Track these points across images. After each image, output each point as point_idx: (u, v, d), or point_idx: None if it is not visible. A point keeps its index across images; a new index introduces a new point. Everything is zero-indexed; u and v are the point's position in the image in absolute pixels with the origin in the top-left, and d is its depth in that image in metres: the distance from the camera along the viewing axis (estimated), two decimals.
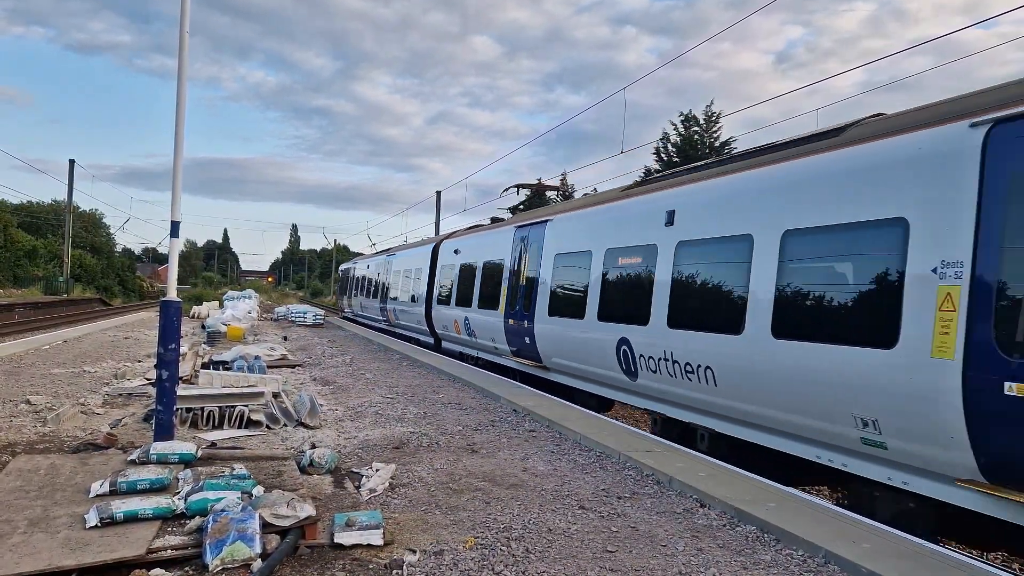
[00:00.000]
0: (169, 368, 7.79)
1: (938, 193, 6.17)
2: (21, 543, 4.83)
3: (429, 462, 7.86)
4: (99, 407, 10.38)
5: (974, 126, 5.98)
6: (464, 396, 12.63)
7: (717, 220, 9.07)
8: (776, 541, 5.67)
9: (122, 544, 4.87)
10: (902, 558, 5.11)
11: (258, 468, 6.98)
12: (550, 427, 10.00)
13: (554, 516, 6.13)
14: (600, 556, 5.27)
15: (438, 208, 45.62)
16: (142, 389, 11.74)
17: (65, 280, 52.02)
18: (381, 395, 12.48)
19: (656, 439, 9.25)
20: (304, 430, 9.50)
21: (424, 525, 5.80)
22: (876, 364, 6.46)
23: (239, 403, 9.64)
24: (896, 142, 6.77)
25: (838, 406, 6.90)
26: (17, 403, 10.25)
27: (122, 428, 8.97)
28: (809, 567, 5.15)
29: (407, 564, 4.91)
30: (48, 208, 70.35)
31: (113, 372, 13.92)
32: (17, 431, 8.55)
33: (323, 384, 13.90)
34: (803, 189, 7.75)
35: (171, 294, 8.10)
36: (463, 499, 6.55)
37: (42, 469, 6.59)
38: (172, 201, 8.19)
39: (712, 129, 39.44)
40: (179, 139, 8.18)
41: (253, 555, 4.80)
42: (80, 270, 58.72)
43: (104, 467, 6.73)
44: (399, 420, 10.24)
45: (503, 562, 5.05)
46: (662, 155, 39.75)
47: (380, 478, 6.95)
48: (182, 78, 8.19)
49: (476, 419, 10.48)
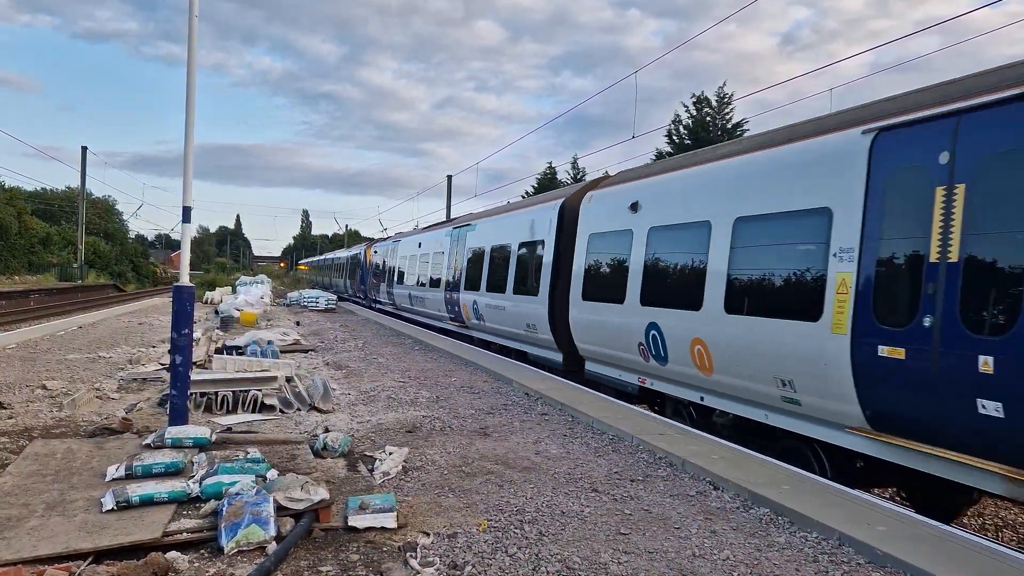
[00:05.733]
0: (183, 353, 7.82)
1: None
2: (39, 526, 4.88)
3: (442, 445, 7.88)
4: (114, 392, 10.45)
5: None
6: (476, 380, 12.64)
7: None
8: (790, 524, 5.64)
9: (138, 527, 4.91)
10: (917, 541, 5.08)
11: (272, 452, 7.02)
12: (562, 410, 10.00)
13: (567, 499, 6.13)
14: (613, 538, 5.27)
15: (449, 193, 45.51)
16: (156, 374, 11.82)
17: (79, 266, 52.42)
18: (394, 379, 12.51)
19: (669, 422, 9.24)
20: (317, 414, 9.54)
21: (437, 508, 5.81)
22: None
23: (252, 388, 9.68)
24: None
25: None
26: (33, 388, 10.34)
27: (137, 413, 9.04)
28: (823, 549, 5.13)
29: (421, 547, 4.93)
30: (62, 195, 70.86)
31: (128, 357, 14.02)
32: (34, 416, 8.62)
33: (336, 368, 13.95)
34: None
35: (184, 280, 8.13)
36: (476, 482, 6.56)
37: (58, 453, 6.65)
38: (183, 187, 8.19)
39: (724, 111, 39.10)
40: (189, 125, 8.16)
41: (267, 538, 4.83)
42: (94, 256, 59.13)
43: (119, 451, 6.78)
44: (412, 404, 10.27)
45: (516, 544, 5.05)
46: (674, 138, 39.46)
47: (393, 461, 6.97)
48: (191, 64, 8.16)
49: (488, 403, 10.49)
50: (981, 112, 6.00)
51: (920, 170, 6.46)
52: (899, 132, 6.77)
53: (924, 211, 6.35)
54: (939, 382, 6.09)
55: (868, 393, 6.79)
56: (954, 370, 5.97)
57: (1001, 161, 5.77)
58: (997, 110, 5.89)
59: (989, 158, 5.88)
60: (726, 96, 39.13)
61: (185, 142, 8.15)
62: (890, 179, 6.75)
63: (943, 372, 6.06)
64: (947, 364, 6.03)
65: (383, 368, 13.97)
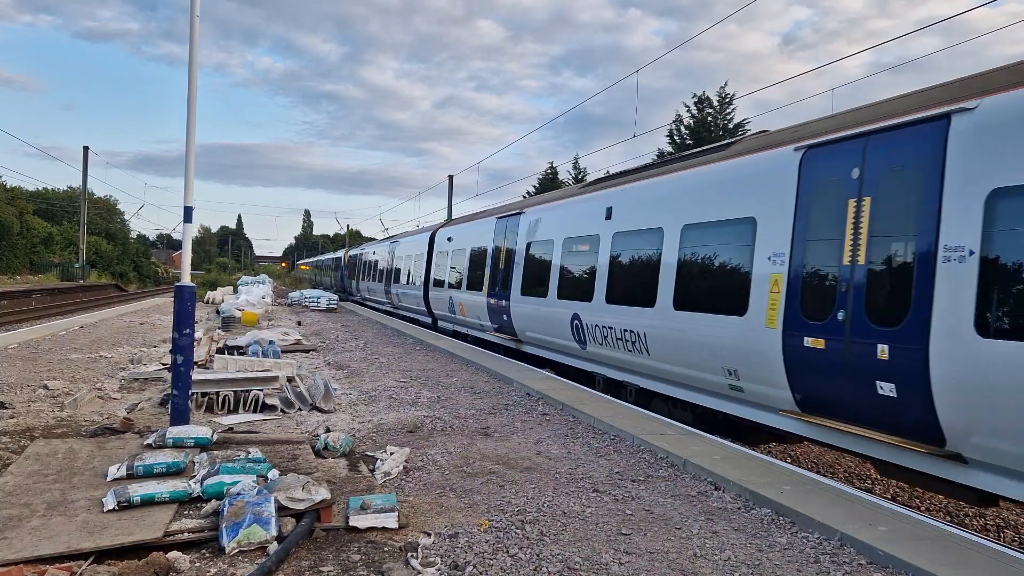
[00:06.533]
0: (184, 353, 7.82)
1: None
2: (40, 526, 4.88)
3: (443, 445, 7.88)
4: (116, 392, 10.46)
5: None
6: (477, 380, 12.64)
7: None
8: (791, 524, 5.64)
9: (139, 527, 4.91)
10: (919, 540, 5.07)
11: (273, 452, 7.02)
12: (563, 410, 10.00)
13: (568, 499, 6.13)
14: (614, 539, 5.27)
15: (450, 192, 45.44)
16: (158, 374, 11.83)
17: (81, 266, 52.42)
18: (395, 379, 12.51)
19: (670, 422, 9.24)
20: (319, 414, 9.54)
21: (439, 508, 5.81)
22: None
23: (254, 387, 9.68)
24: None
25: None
26: (35, 388, 10.35)
27: (138, 412, 9.04)
28: (825, 550, 5.12)
29: (422, 547, 4.92)
30: (63, 195, 70.81)
31: (129, 357, 14.03)
32: (35, 416, 8.63)
33: (337, 368, 13.96)
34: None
35: (185, 279, 8.12)
36: (477, 482, 6.56)
37: (60, 453, 6.65)
38: (185, 187, 8.19)
39: (726, 111, 39.05)
40: (191, 125, 8.16)
41: (269, 538, 4.83)
42: (96, 256, 59.17)
43: (121, 451, 6.78)
44: (413, 404, 10.27)
45: (518, 545, 5.05)
46: (675, 138, 39.42)
47: (394, 461, 6.97)
48: (193, 64, 8.16)
49: (490, 403, 10.49)
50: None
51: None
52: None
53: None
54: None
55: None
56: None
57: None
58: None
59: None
60: (727, 96, 39.08)
61: (187, 142, 8.15)
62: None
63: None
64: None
65: (384, 368, 13.97)
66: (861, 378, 6.85)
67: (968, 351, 5.87)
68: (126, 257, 67.50)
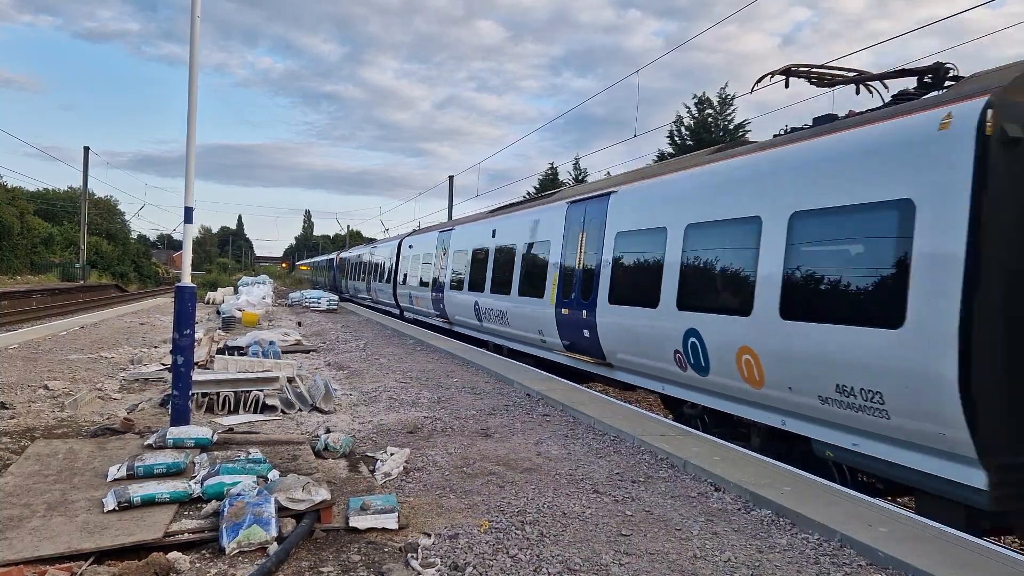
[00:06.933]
0: (184, 353, 7.82)
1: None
2: (40, 527, 4.89)
3: (443, 446, 7.88)
4: (116, 392, 10.47)
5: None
6: (478, 380, 12.65)
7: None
8: (791, 525, 5.64)
9: (140, 528, 4.91)
10: (919, 542, 5.07)
11: (273, 452, 7.02)
12: (564, 411, 10.00)
13: (568, 500, 6.13)
14: (614, 540, 5.27)
15: (451, 193, 45.47)
16: (158, 374, 11.84)
17: (82, 266, 52.44)
18: (395, 380, 12.52)
19: (670, 423, 9.24)
20: (319, 415, 9.55)
21: (439, 509, 5.82)
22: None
23: (254, 388, 9.69)
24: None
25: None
26: (35, 388, 10.35)
27: (139, 413, 9.05)
28: (825, 551, 5.12)
29: (422, 547, 4.93)
30: (64, 195, 70.82)
31: (129, 357, 14.04)
32: (35, 416, 8.63)
33: (337, 369, 13.96)
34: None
35: (185, 280, 8.13)
36: (477, 483, 6.56)
37: (60, 453, 6.65)
38: (185, 187, 8.20)
39: (726, 112, 39.04)
40: (191, 125, 8.16)
41: (269, 538, 4.84)
42: (96, 256, 59.17)
43: (121, 451, 6.78)
44: (413, 404, 10.27)
45: (518, 545, 5.06)
46: (676, 138, 39.42)
47: (395, 462, 6.97)
48: (194, 64, 8.16)
49: (490, 403, 10.49)
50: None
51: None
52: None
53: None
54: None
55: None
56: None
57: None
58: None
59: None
60: (728, 97, 39.08)
61: (187, 142, 8.16)
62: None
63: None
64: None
65: (384, 369, 13.97)
66: (581, 328, 12.14)
67: (603, 312, 11.40)
68: (126, 257, 67.52)
